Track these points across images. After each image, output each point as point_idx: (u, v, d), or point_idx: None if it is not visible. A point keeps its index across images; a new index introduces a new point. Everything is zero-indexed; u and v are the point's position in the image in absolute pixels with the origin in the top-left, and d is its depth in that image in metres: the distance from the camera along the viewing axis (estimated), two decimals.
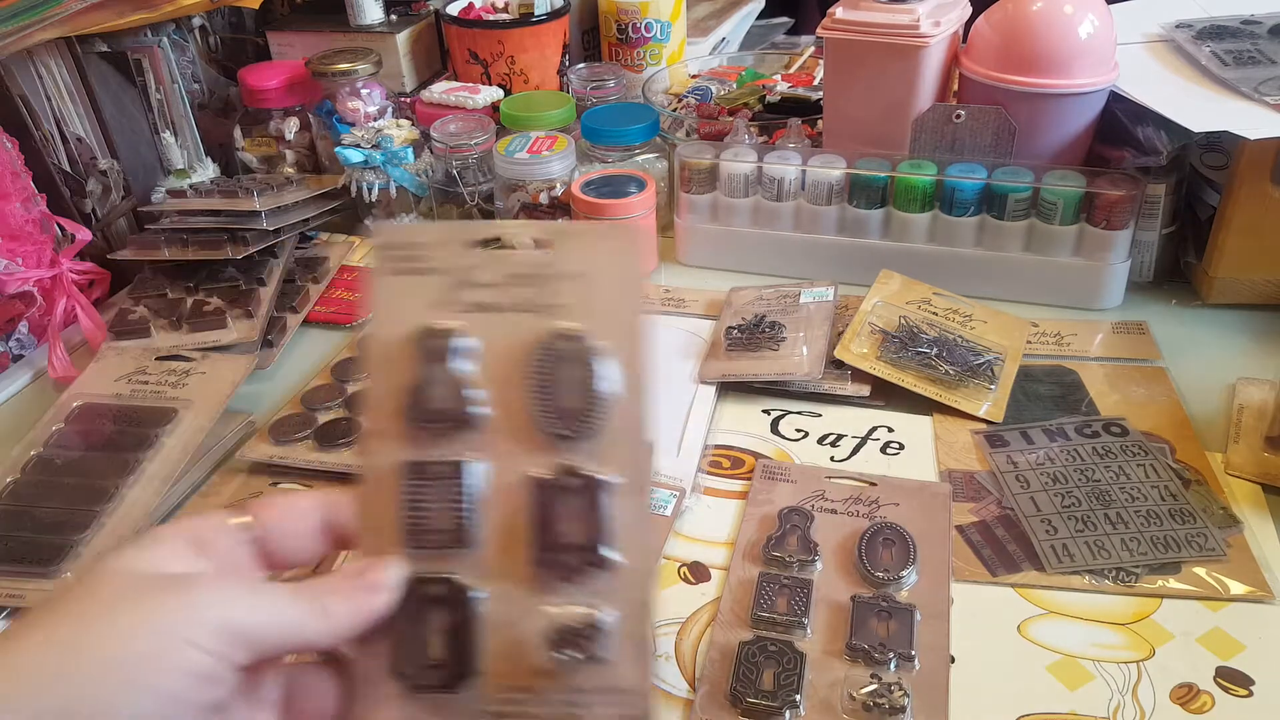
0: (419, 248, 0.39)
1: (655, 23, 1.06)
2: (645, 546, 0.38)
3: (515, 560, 0.37)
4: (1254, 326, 0.74)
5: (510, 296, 0.38)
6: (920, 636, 0.50)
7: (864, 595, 0.52)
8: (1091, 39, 0.73)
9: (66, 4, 0.78)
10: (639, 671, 0.36)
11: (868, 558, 0.54)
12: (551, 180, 0.85)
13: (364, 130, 0.91)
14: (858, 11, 0.77)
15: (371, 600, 0.36)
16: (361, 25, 1.03)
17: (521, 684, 0.36)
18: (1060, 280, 0.77)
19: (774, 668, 0.48)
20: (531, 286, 0.38)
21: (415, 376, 0.38)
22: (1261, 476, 0.60)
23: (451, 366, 0.38)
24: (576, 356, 0.37)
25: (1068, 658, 0.50)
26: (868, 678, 0.48)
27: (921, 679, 0.48)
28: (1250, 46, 0.77)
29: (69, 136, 0.85)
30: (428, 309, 0.38)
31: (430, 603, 0.37)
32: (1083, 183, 0.74)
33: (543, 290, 0.38)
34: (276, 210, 0.84)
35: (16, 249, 0.77)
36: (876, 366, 0.69)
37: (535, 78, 1.01)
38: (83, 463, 0.64)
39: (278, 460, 0.65)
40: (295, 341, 0.79)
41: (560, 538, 0.37)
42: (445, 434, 0.38)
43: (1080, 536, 0.56)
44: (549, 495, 0.37)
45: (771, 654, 0.49)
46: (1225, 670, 0.49)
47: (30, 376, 0.78)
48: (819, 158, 0.80)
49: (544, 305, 0.38)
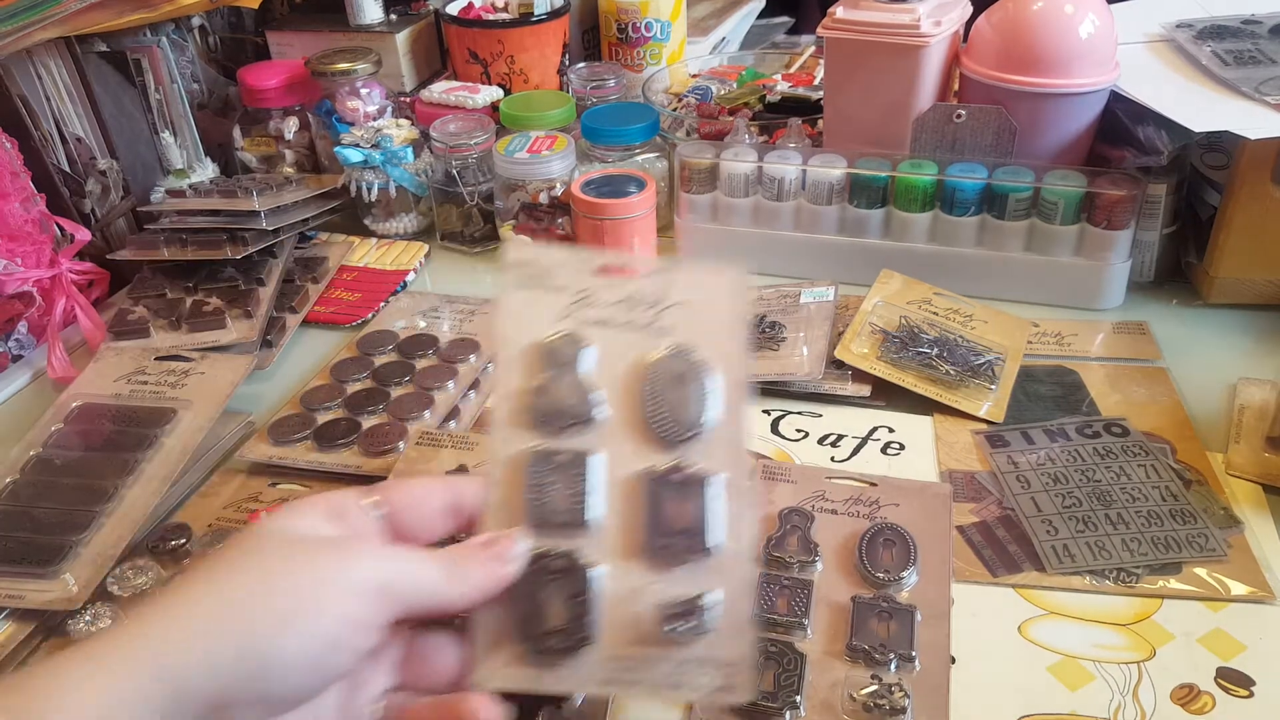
0: (546, 267, 0.45)
1: (655, 22, 1.06)
2: (744, 534, 0.42)
3: (629, 543, 0.42)
4: (1255, 326, 0.74)
5: (626, 316, 0.45)
6: (921, 637, 0.50)
7: (864, 596, 0.52)
8: (1092, 39, 0.72)
9: (65, 4, 0.78)
10: (738, 646, 0.41)
11: (868, 558, 0.54)
12: (551, 180, 0.85)
13: (363, 130, 0.91)
14: (858, 11, 0.77)
15: (502, 569, 0.40)
16: (361, 25, 1.03)
17: (633, 653, 0.41)
18: (1061, 280, 0.77)
19: (774, 668, 0.48)
20: (646, 310, 0.45)
21: (543, 378, 0.43)
22: (1262, 477, 0.60)
23: (575, 371, 0.44)
24: (688, 370, 0.44)
25: (1068, 658, 0.50)
26: (868, 678, 0.48)
27: (922, 680, 0.48)
28: (1251, 46, 0.77)
29: (68, 136, 0.85)
30: (553, 320, 0.44)
31: (552, 575, 0.41)
32: (1083, 182, 0.74)
33: (656, 313, 0.45)
34: (276, 210, 0.84)
35: (16, 249, 0.77)
36: (877, 366, 0.69)
37: (535, 77, 1.01)
38: (82, 463, 0.64)
39: (277, 460, 0.65)
40: (294, 342, 0.79)
41: (670, 525, 0.42)
42: (568, 430, 0.43)
43: (1081, 537, 0.56)
44: (661, 488, 0.42)
45: (772, 655, 0.49)
46: (1226, 671, 0.49)
47: (29, 377, 0.78)
48: (819, 157, 0.80)
49: (656, 327, 0.44)
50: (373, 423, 0.68)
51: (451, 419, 0.69)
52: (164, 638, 0.34)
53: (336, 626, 0.36)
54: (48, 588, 0.55)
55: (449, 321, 0.78)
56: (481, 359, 0.73)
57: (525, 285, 0.45)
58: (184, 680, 0.33)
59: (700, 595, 0.41)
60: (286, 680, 0.35)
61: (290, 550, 0.37)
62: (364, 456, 0.65)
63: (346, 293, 0.84)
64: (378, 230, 0.94)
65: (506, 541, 0.41)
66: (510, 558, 0.40)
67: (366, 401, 0.69)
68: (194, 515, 0.62)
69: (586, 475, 0.42)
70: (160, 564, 0.58)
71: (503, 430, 0.43)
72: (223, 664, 0.34)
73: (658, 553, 0.42)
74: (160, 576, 0.57)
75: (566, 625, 0.41)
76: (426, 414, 0.68)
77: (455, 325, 0.78)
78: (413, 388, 0.71)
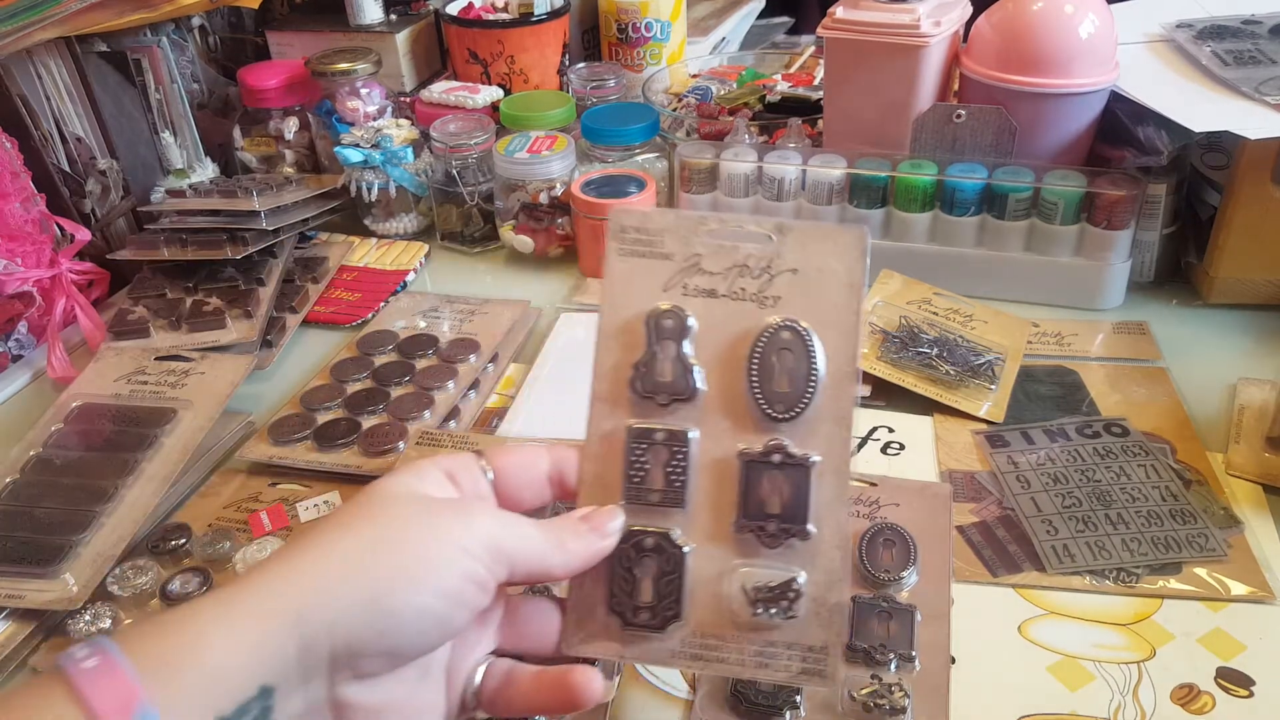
0: (652, 233, 0.43)
1: (655, 22, 1.06)
2: (839, 520, 0.42)
3: (722, 524, 0.42)
4: (1255, 327, 0.74)
5: (733, 285, 0.43)
6: (921, 637, 0.50)
7: (864, 596, 0.52)
8: (1092, 39, 0.72)
9: (66, 3, 0.78)
10: (827, 633, 0.41)
11: (868, 558, 0.54)
12: (551, 180, 0.85)
13: (363, 130, 0.91)
14: (858, 11, 0.77)
15: (599, 542, 0.41)
16: (361, 25, 1.03)
17: (719, 632, 0.42)
18: (1061, 280, 0.77)
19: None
20: (755, 278, 0.43)
21: (644, 351, 0.43)
22: (1262, 477, 0.60)
23: (677, 345, 0.43)
24: (792, 346, 0.42)
25: (1068, 658, 0.50)
26: (868, 678, 0.48)
27: (922, 680, 0.48)
28: (1251, 46, 0.77)
29: (68, 136, 0.85)
30: (657, 291, 0.43)
31: (646, 552, 0.42)
32: (1083, 183, 0.74)
33: (765, 282, 0.43)
34: (276, 210, 0.83)
35: (16, 249, 0.77)
36: (877, 366, 0.69)
37: (535, 77, 1.01)
38: (82, 463, 0.64)
39: (277, 461, 0.65)
40: (294, 342, 0.79)
41: (764, 508, 0.42)
42: (668, 405, 0.43)
43: (1081, 537, 0.56)
44: (757, 470, 0.42)
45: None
46: (1226, 671, 0.49)
47: (29, 377, 0.78)
48: (819, 157, 0.80)
49: (765, 296, 0.43)
50: (373, 423, 0.68)
51: (451, 419, 0.69)
52: (301, 587, 0.35)
53: (460, 583, 0.37)
54: (48, 588, 0.55)
55: (449, 321, 0.78)
56: (481, 359, 0.73)
57: (632, 253, 0.43)
58: (318, 628, 0.34)
59: (792, 579, 0.41)
60: (411, 634, 0.37)
61: (414, 509, 0.39)
62: (364, 456, 0.65)
63: (346, 293, 0.84)
64: (378, 230, 0.94)
65: (605, 516, 0.42)
66: (607, 532, 0.42)
67: (366, 401, 0.69)
68: (194, 515, 0.62)
69: (682, 454, 0.42)
70: (160, 564, 0.58)
71: (602, 404, 0.43)
72: (355, 615, 0.35)
73: (751, 535, 0.42)
74: (160, 576, 0.57)
75: (656, 602, 0.42)
76: (426, 414, 0.68)
77: (455, 325, 0.78)
78: (413, 388, 0.71)
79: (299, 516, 0.61)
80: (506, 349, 0.76)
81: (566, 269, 0.87)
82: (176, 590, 0.55)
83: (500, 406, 0.70)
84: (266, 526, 0.60)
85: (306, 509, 0.62)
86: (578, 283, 0.85)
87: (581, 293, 0.83)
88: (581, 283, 0.85)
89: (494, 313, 0.79)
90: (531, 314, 0.80)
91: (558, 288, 0.85)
